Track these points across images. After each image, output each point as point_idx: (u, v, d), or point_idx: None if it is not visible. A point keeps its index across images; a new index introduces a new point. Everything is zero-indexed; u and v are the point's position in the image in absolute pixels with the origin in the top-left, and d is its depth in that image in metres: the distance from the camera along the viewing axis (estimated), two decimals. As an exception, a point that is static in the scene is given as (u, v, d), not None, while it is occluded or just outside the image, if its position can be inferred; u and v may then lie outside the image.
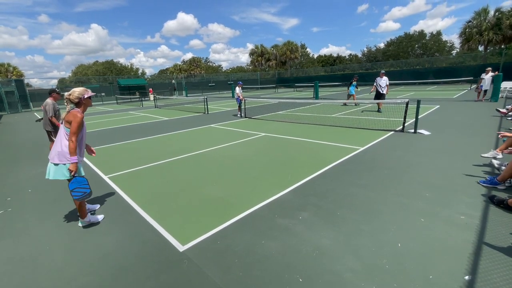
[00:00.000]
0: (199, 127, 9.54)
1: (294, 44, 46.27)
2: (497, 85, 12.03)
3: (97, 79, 40.67)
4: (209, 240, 2.67)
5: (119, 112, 17.58)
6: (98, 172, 5.00)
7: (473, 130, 6.82)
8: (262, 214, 3.14)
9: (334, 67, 44.93)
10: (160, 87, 34.67)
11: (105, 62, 60.33)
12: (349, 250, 2.41)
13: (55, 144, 2.87)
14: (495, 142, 5.49)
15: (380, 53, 50.81)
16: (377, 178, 4.01)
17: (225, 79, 43.44)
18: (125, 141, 7.81)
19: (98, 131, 10.14)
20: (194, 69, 54.49)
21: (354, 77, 14.60)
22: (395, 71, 32.64)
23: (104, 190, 4.14)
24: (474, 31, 29.75)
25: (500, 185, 3.45)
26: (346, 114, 10.74)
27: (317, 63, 56.56)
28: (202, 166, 5.08)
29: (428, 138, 6.24)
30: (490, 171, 4.04)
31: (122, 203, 3.65)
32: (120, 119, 13.41)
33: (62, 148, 2.80)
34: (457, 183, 3.67)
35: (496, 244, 2.38)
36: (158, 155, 5.99)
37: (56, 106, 5.79)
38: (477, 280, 1.99)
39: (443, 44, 47.92)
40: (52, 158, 2.86)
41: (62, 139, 2.84)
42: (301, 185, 3.91)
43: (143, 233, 2.87)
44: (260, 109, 13.83)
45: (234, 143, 6.77)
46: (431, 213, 2.94)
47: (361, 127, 7.88)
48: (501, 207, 2.95)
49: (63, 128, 2.86)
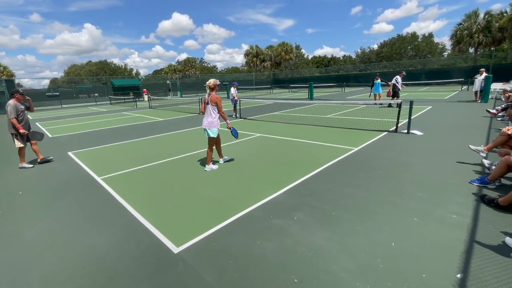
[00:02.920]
0: (193, 128, 9.49)
1: (289, 45, 46.48)
2: (487, 86, 12.29)
3: (90, 79, 40.21)
4: (204, 242, 2.66)
5: (112, 112, 17.38)
6: (91, 173, 4.94)
7: (464, 131, 6.94)
8: (257, 214, 3.14)
9: (329, 68, 45.29)
10: (154, 87, 34.42)
11: (98, 62, 59.68)
12: (344, 250, 2.43)
13: (207, 117, 4.59)
14: (486, 142, 5.60)
15: (373, 54, 51.37)
16: (371, 179, 4.05)
17: (220, 79, 43.32)
18: (118, 142, 7.72)
19: (91, 132, 10.01)
20: (189, 69, 54.24)
21: (376, 75, 13.88)
22: (389, 72, 33.02)
23: (97, 192, 4.09)
24: (464, 34, 30.32)
25: (490, 184, 3.52)
26: (341, 115, 10.83)
27: (312, 64, 56.92)
28: (197, 167, 5.06)
29: (421, 139, 6.33)
30: (481, 170, 4.12)
31: (116, 204, 3.61)
32: (113, 120, 13.25)
33: (212, 120, 4.56)
34: (449, 183, 3.73)
35: (487, 242, 2.42)
36: (152, 156, 5.94)
37: (19, 107, 5.37)
38: (469, 278, 2.02)
39: (435, 46, 48.73)
40: (206, 125, 4.59)
41: (210, 113, 4.56)
42: (296, 185, 3.92)
43: (137, 235, 2.84)
44: (255, 110, 13.84)
45: (229, 143, 6.75)
46: (424, 213, 2.98)
47: (355, 127, 7.95)
48: (492, 206, 3.01)
49: (210, 106, 4.55)
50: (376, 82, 13.37)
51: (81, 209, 3.57)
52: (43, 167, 5.58)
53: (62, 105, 26.59)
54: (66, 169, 5.37)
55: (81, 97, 30.25)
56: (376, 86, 13.38)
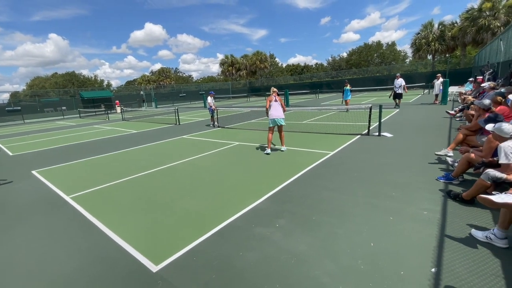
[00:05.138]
0: (170, 139, 9.24)
1: (263, 54, 47.48)
2: (445, 89, 13.39)
3: (57, 92, 37.92)
4: (185, 257, 2.56)
5: (82, 126, 16.44)
6: (59, 193, 4.59)
7: (428, 131, 7.45)
8: (239, 224, 3.09)
9: (302, 76, 46.73)
10: (127, 98, 33.28)
11: (65, 73, 56.52)
12: (326, 254, 2.46)
13: (279, 110, 6.14)
14: (448, 141, 6.05)
15: (343, 62, 53.93)
16: (347, 181, 4.18)
17: (196, 89, 42.97)
18: (89, 157, 7.29)
19: (58, 148, 9.35)
20: (163, 79, 53.24)
21: (345, 82, 14.37)
22: (358, 78, 34.86)
23: (65, 212, 3.80)
24: (423, 42, 32.94)
25: (454, 180, 3.79)
26: (316, 120, 11.15)
27: (286, 72, 58.40)
28: (175, 179, 4.91)
29: (391, 140, 6.70)
30: (446, 168, 4.42)
31: (87, 224, 3.37)
32: (83, 134, 12.53)
33: (282, 112, 6.17)
34: (419, 181, 3.96)
35: (456, 235, 2.58)
36: (126, 170, 5.67)
37: None
38: (443, 271, 2.13)
39: (398, 53, 52.36)
40: (280, 115, 6.12)
41: (280, 107, 6.18)
42: (277, 192, 3.94)
43: (111, 256, 2.67)
44: (233, 118, 13.83)
45: (207, 153, 6.66)
46: (398, 211, 3.12)
47: (330, 132, 8.21)
48: (457, 201, 3.23)
49: (279, 102, 6.19)
50: (346, 88, 13.85)
51: (48, 232, 3.29)
52: (1, 189, 5.10)
53: (24, 121, 24.71)
54: (30, 190, 4.95)
55: (47, 111, 28.39)
56: (345, 93, 13.88)
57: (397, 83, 13.13)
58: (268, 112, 6.20)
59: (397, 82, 13.16)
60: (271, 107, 6.16)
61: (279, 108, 6.16)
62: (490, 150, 3.34)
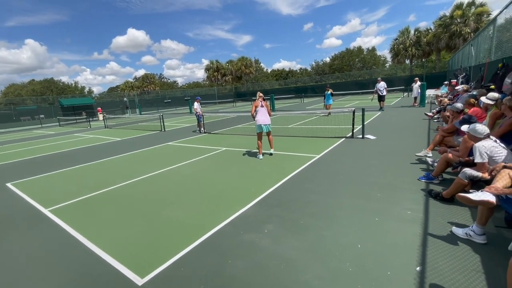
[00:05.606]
0: (155, 146, 9.05)
1: (249, 59, 47.77)
2: (423, 92, 14.01)
3: (34, 99, 36.30)
4: (172, 268, 2.48)
5: (62, 135, 15.79)
6: (36, 206, 4.36)
7: (409, 132, 7.73)
8: (227, 232, 3.05)
9: (287, 81, 47.34)
10: (110, 105, 32.37)
11: (43, 80, 54.25)
12: (315, 257, 2.47)
13: (265, 115, 6.10)
14: (427, 141, 6.30)
15: (327, 67, 55.20)
16: (334, 184, 4.25)
17: (181, 95, 42.48)
18: (69, 167, 6.99)
19: (35, 158, 8.91)
20: (147, 85, 52.24)
21: (326, 87, 14.45)
22: (341, 82, 35.73)
23: (44, 226, 3.60)
24: (400, 47, 34.39)
25: (435, 180, 3.94)
26: (302, 124, 11.31)
27: (271, 77, 59.00)
28: (160, 188, 4.79)
29: (374, 142, 6.89)
30: (426, 168, 4.59)
31: (67, 238, 3.21)
32: (63, 143, 12.02)
33: (269, 117, 6.15)
34: (401, 181, 4.08)
35: (438, 233, 2.67)
36: (109, 180, 5.48)
37: None
38: (427, 269, 2.19)
39: (378, 58, 54.34)
40: (266, 121, 6.10)
41: (266, 112, 6.14)
42: (265, 197, 3.93)
43: (94, 270, 2.55)
44: (219, 124, 13.76)
45: (194, 160, 6.56)
46: (383, 212, 3.20)
47: (316, 136, 8.34)
48: (438, 199, 3.36)
49: (265, 107, 6.15)
50: (327, 93, 13.93)
51: (24, 249, 3.10)
52: (-28, 204, 4.77)
53: (-2, 130, 23.44)
54: (5, 204, 4.67)
55: (23, 119, 27.09)
56: (326, 97, 14.01)
57: (380, 86, 13.68)
58: (255, 118, 6.19)
59: (379, 85, 13.70)
60: (257, 113, 6.14)
61: (265, 113, 6.14)
62: (466, 150, 3.50)
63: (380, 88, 13.69)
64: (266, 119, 6.12)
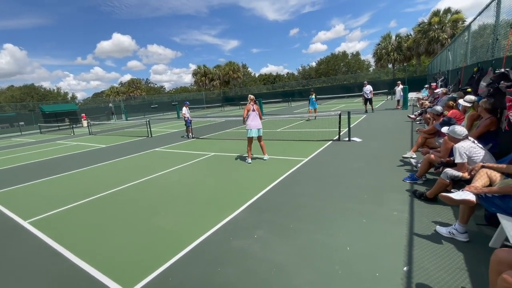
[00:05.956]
0: (142, 152, 8.85)
1: (236, 64, 47.91)
2: (406, 95, 14.51)
3: (13, 106, 34.78)
4: (160, 278, 2.42)
5: (43, 143, 15.17)
6: (14, 218, 4.14)
7: (393, 134, 7.95)
8: (216, 239, 3.01)
9: (275, 85, 47.81)
10: (95, 111, 31.48)
11: (23, 86, 52.14)
12: (305, 262, 2.47)
13: (257, 119, 6.08)
14: (410, 143, 6.50)
15: (313, 71, 56.20)
16: (322, 187, 4.29)
17: (168, 100, 41.92)
18: (49, 176, 6.71)
19: (13, 167, 8.49)
20: (133, 91, 51.26)
21: (310, 91, 14.33)
22: (327, 86, 36.43)
23: (22, 239, 3.43)
24: (383, 52, 35.59)
25: (419, 180, 4.06)
26: (290, 128, 11.41)
27: (259, 81, 59.39)
28: (147, 195, 4.68)
29: (361, 145, 7.03)
30: (410, 169, 4.73)
31: (49, 252, 3.07)
32: (44, 151, 11.55)
33: (260, 121, 6.13)
34: (387, 183, 4.18)
35: (423, 233, 2.74)
36: (93, 188, 5.30)
37: None
38: (414, 269, 2.24)
39: (362, 62, 55.93)
40: (258, 125, 6.09)
41: (258, 116, 6.12)
42: (254, 201, 3.92)
43: (77, 285, 2.44)
44: (207, 129, 13.66)
45: (182, 166, 6.46)
46: (371, 214, 3.25)
47: (304, 139, 8.43)
48: (422, 199, 3.45)
49: (256, 111, 6.09)
50: (311, 97, 13.79)
51: (1, 266, 2.93)
52: None
53: (-28, 139, 22.23)
54: (-22, 217, 4.40)
55: (1, 127, 25.85)
56: (310, 101, 13.87)
57: (366, 90, 14.05)
58: (246, 122, 6.09)
59: (366, 89, 14.07)
60: (249, 117, 6.05)
61: (257, 118, 6.11)
62: (447, 151, 3.64)
63: (366, 91, 14.06)
64: (258, 124, 6.10)
